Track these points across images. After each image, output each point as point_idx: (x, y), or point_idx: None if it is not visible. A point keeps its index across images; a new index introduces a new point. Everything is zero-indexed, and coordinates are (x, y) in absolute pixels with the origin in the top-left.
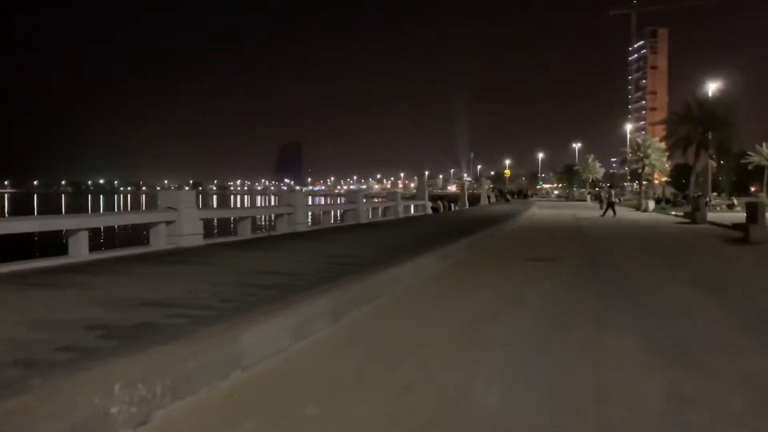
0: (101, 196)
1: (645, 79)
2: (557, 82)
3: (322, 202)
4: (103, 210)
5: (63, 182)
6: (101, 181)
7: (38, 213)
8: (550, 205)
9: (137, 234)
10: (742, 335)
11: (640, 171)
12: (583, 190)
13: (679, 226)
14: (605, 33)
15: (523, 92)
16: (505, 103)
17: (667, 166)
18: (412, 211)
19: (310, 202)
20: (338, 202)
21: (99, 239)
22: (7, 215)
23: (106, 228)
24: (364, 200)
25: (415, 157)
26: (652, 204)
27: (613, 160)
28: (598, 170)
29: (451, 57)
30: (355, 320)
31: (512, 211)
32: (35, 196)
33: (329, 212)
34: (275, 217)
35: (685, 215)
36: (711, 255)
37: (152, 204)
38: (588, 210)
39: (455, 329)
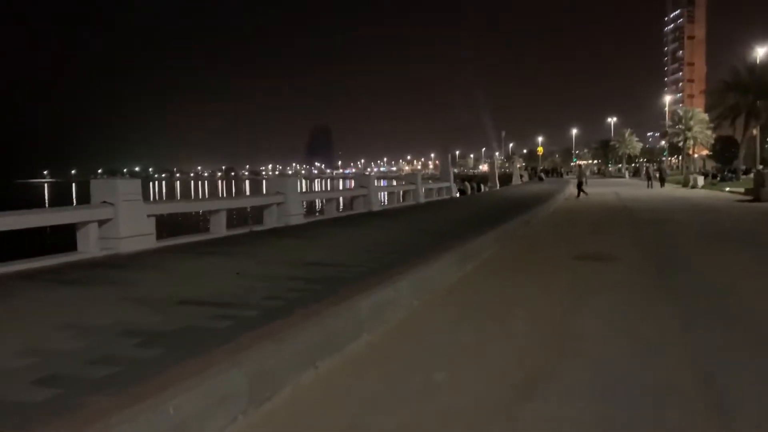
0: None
1: (682, 50)
2: (590, 57)
3: (351, 186)
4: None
5: (100, 171)
6: (137, 169)
7: (77, 203)
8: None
9: None
10: None
11: (681, 144)
12: (620, 165)
13: (743, 205)
14: (639, 4)
15: (556, 68)
16: (537, 80)
17: (711, 138)
18: (436, 195)
19: (341, 186)
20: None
21: (27, 244)
22: None
23: (36, 229)
24: (390, 183)
25: (445, 137)
26: (701, 180)
27: (649, 134)
28: (636, 145)
29: (482, 34)
30: (296, 397)
31: (547, 192)
32: (73, 185)
33: (333, 200)
34: (263, 208)
35: (747, 192)
36: None
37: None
38: (630, 187)
39: (463, 421)
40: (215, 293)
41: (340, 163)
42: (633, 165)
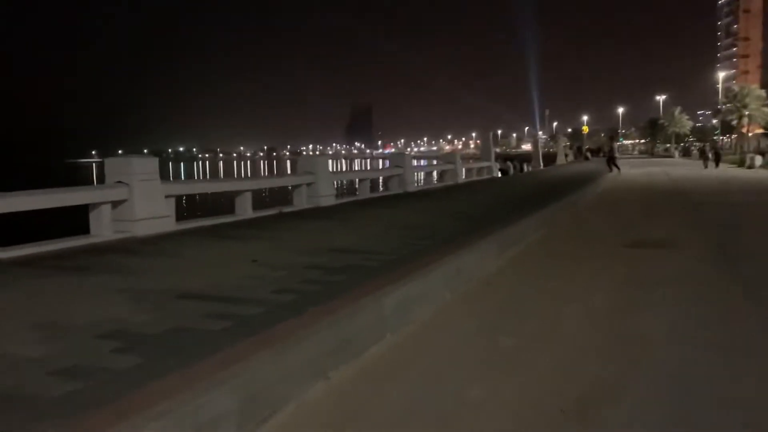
0: (182, 164)
1: (736, 24)
2: (639, 32)
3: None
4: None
5: (145, 150)
6: (181, 149)
7: None
8: (634, 162)
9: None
10: None
11: (735, 123)
12: (669, 145)
13: None
14: None
15: (602, 45)
16: (582, 58)
17: None
18: (476, 175)
19: (380, 166)
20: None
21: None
22: None
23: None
24: (429, 162)
25: (487, 116)
26: (759, 159)
27: (699, 112)
28: (686, 123)
29: (525, 10)
30: (300, 416)
31: (594, 172)
32: None
33: (367, 180)
34: (292, 189)
35: None
36: None
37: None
38: (681, 167)
39: None
40: (222, 285)
41: (380, 143)
42: (682, 144)
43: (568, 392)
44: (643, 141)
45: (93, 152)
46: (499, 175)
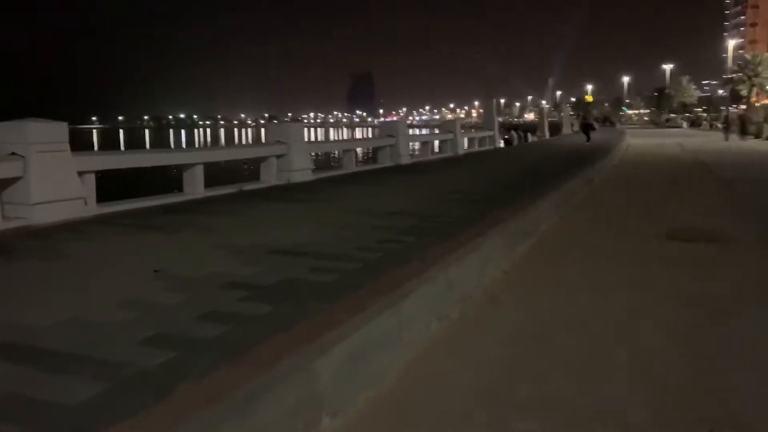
0: (182, 131)
1: None
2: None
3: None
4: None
5: (146, 117)
6: (182, 116)
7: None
8: (641, 133)
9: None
10: None
11: (745, 92)
12: (673, 115)
13: None
14: None
15: (607, 14)
16: (587, 26)
17: None
18: (477, 145)
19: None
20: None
21: None
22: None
23: None
24: (432, 131)
25: (490, 85)
26: None
27: (704, 82)
28: (693, 93)
29: None
30: None
31: (605, 143)
32: (120, 131)
33: (352, 151)
34: (260, 161)
35: None
36: None
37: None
38: (693, 138)
39: None
40: (83, 321)
41: (381, 111)
42: (687, 114)
43: None
44: (647, 111)
45: (93, 118)
46: (503, 145)
